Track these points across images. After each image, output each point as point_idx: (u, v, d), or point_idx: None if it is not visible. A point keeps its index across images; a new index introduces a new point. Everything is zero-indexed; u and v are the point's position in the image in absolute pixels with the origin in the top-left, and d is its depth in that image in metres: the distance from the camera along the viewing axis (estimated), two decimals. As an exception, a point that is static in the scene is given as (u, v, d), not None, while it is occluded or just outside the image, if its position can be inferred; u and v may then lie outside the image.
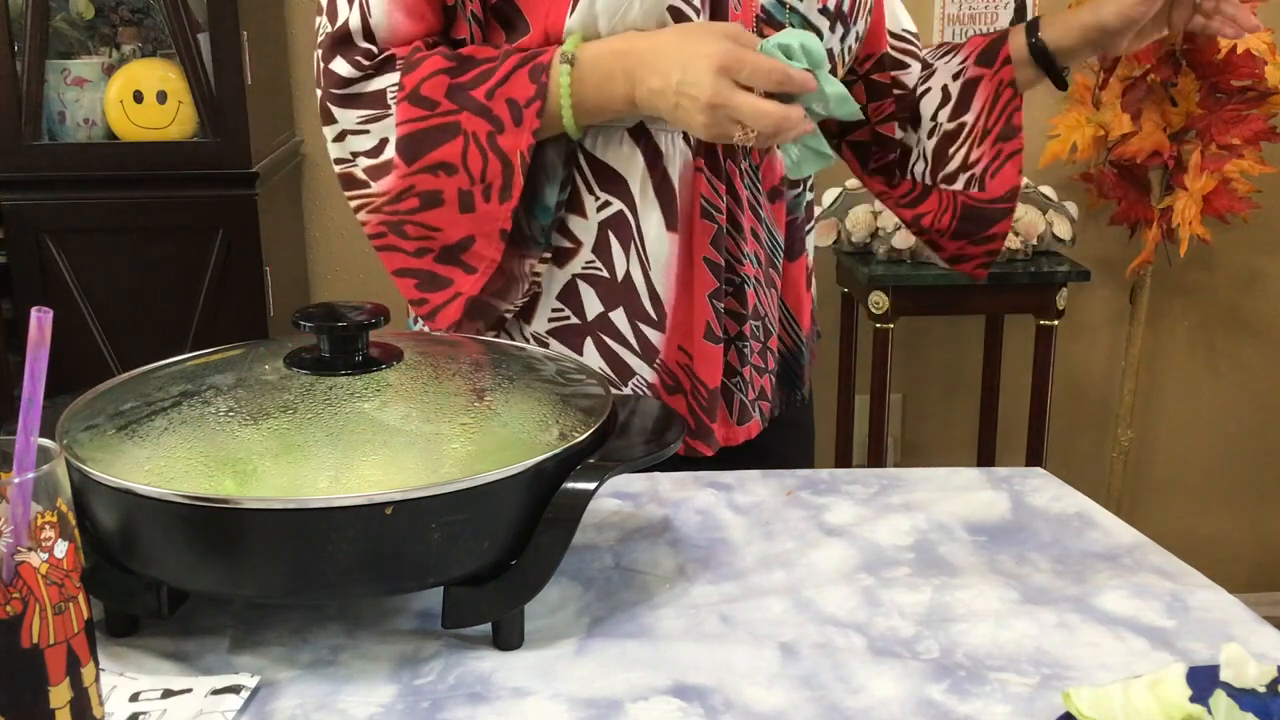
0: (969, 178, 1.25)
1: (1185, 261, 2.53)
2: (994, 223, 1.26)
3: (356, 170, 1.06)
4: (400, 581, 0.75)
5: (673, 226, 1.09)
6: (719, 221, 1.09)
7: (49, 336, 0.61)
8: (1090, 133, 2.39)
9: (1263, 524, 2.86)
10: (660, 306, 1.10)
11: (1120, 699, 0.66)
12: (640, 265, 1.09)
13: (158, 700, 0.70)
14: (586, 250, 1.09)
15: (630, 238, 1.09)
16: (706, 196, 1.09)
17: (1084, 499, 1.01)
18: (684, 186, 1.08)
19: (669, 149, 1.08)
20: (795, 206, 1.19)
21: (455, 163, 1.02)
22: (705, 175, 1.08)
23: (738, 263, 1.12)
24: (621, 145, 1.08)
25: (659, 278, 1.10)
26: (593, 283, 1.10)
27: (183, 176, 2.16)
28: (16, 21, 2.12)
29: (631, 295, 1.10)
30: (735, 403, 1.15)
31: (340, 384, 0.80)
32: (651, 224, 1.08)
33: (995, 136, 1.23)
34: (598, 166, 1.08)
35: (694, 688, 0.72)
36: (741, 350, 1.14)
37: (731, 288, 1.12)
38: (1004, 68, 1.24)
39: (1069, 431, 2.74)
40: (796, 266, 1.21)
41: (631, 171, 1.08)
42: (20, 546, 0.58)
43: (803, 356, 1.24)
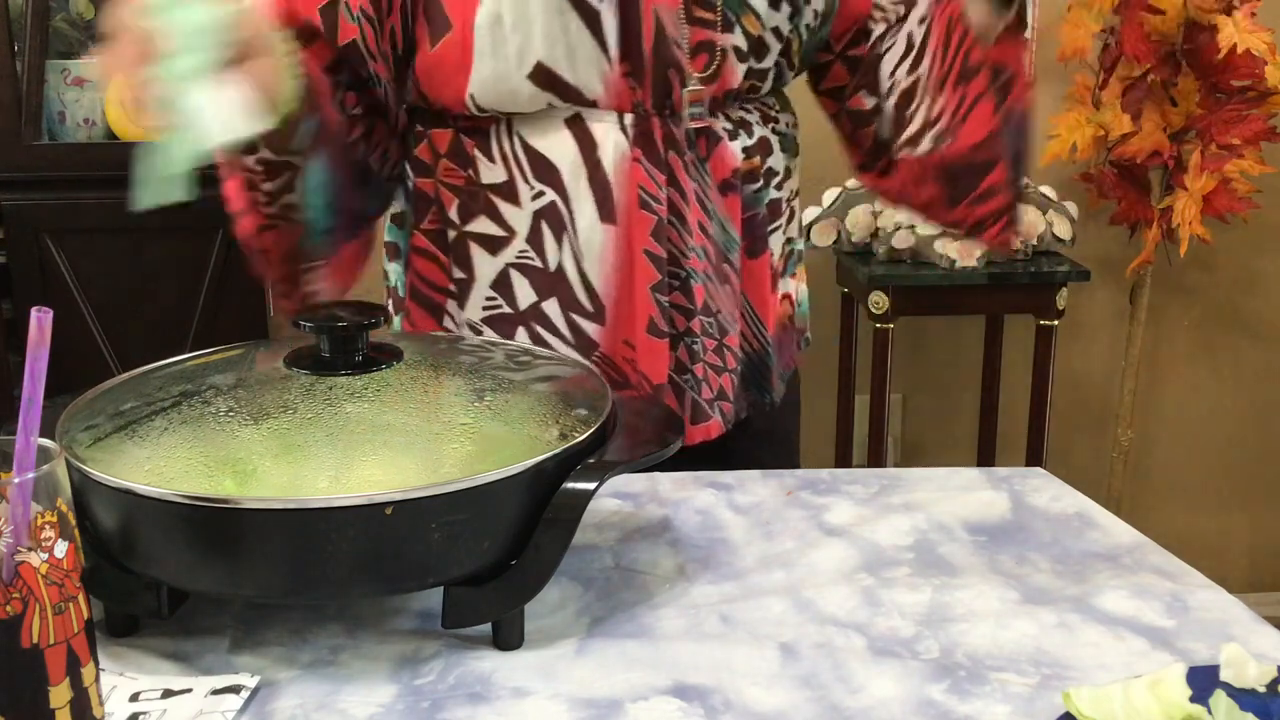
0: (936, 135, 1.08)
1: (1185, 261, 2.53)
2: (983, 174, 1.07)
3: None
4: (400, 581, 0.75)
5: (608, 218, 1.07)
6: (659, 213, 1.07)
7: (49, 336, 0.61)
8: (1090, 133, 2.39)
9: (1263, 524, 2.86)
10: (596, 299, 1.09)
11: (1120, 699, 0.66)
12: (573, 257, 1.08)
13: (158, 700, 0.70)
14: (520, 240, 1.09)
15: (563, 228, 1.07)
16: (645, 187, 1.07)
17: (1084, 499, 1.01)
18: (620, 177, 1.06)
19: (603, 139, 1.06)
20: (754, 203, 1.14)
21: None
22: (643, 166, 1.06)
23: (683, 256, 1.09)
24: (556, 134, 1.06)
25: (593, 270, 1.08)
26: (525, 272, 1.09)
27: (183, 176, 2.15)
28: (16, 21, 2.12)
29: (564, 286, 1.09)
30: (688, 400, 1.12)
31: (340, 384, 0.80)
32: (585, 215, 1.07)
33: (954, 80, 1.04)
34: (533, 155, 1.07)
35: (694, 688, 0.72)
36: (691, 346, 1.11)
37: (677, 282, 1.10)
38: (952, 1, 1.03)
39: (1069, 431, 2.74)
40: (759, 264, 1.16)
41: (564, 161, 1.06)
42: (20, 546, 0.58)
43: (769, 359, 1.20)
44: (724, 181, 1.11)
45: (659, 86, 1.05)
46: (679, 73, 1.05)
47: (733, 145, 1.11)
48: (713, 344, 1.13)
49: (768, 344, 1.19)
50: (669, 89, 1.06)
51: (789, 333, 1.23)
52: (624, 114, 1.06)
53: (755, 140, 1.13)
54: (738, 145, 1.11)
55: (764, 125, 1.14)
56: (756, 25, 1.07)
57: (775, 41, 1.10)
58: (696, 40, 1.05)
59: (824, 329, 2.66)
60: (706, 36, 1.06)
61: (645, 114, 1.06)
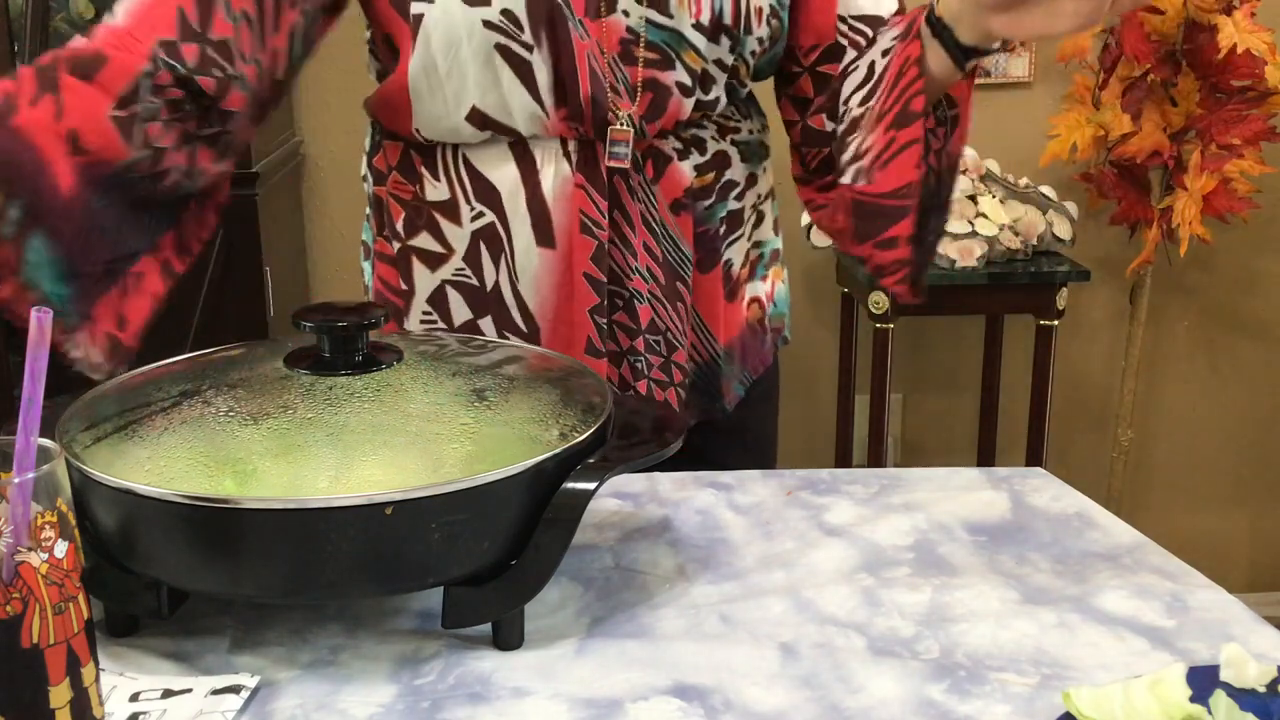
0: (856, 170, 1.04)
1: (1185, 261, 2.53)
2: (891, 222, 1.03)
3: None
4: (400, 581, 0.75)
5: (545, 242, 1.08)
6: (599, 238, 1.07)
7: (49, 336, 0.61)
8: (1090, 133, 2.39)
9: (1263, 524, 2.86)
10: (530, 320, 1.10)
11: (1120, 699, 0.66)
12: (509, 277, 1.10)
13: (158, 700, 0.70)
14: (458, 258, 1.10)
15: (501, 250, 1.09)
16: (585, 212, 1.07)
17: (1084, 499, 1.00)
18: (560, 201, 1.07)
19: (544, 164, 1.07)
20: (707, 218, 1.13)
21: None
22: (585, 191, 1.07)
23: (626, 278, 1.10)
24: (499, 158, 1.07)
25: (528, 291, 1.09)
26: (461, 290, 1.11)
27: (183, 176, 2.15)
28: (16, 21, 2.12)
29: (500, 306, 1.10)
30: None
31: (340, 384, 0.80)
32: (521, 238, 1.08)
33: (889, 122, 1.01)
34: (475, 176, 1.08)
35: (694, 688, 0.72)
36: (634, 364, 1.11)
37: (621, 302, 1.10)
38: (913, 42, 1.00)
39: (1069, 431, 2.74)
40: (710, 279, 1.15)
41: (504, 184, 1.07)
42: (20, 546, 0.58)
43: (719, 369, 1.19)
44: (675, 201, 1.11)
45: (599, 123, 1.05)
46: (616, 113, 1.05)
47: (683, 165, 1.10)
48: (659, 360, 1.13)
49: (718, 355, 1.19)
50: (605, 124, 1.06)
51: (757, 336, 1.23)
52: (567, 140, 1.07)
53: (710, 156, 1.12)
54: (689, 164, 1.10)
55: (721, 139, 1.13)
56: (698, 60, 1.06)
57: (720, 72, 1.08)
58: (639, 79, 1.05)
59: (824, 329, 2.66)
60: (649, 75, 1.05)
61: (589, 141, 1.06)
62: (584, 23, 1.03)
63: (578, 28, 1.03)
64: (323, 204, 2.59)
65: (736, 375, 1.21)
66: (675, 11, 1.04)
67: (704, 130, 1.11)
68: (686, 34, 1.05)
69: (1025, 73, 2.56)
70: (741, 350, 1.21)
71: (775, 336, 1.26)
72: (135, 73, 0.94)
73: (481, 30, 1.02)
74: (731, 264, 1.17)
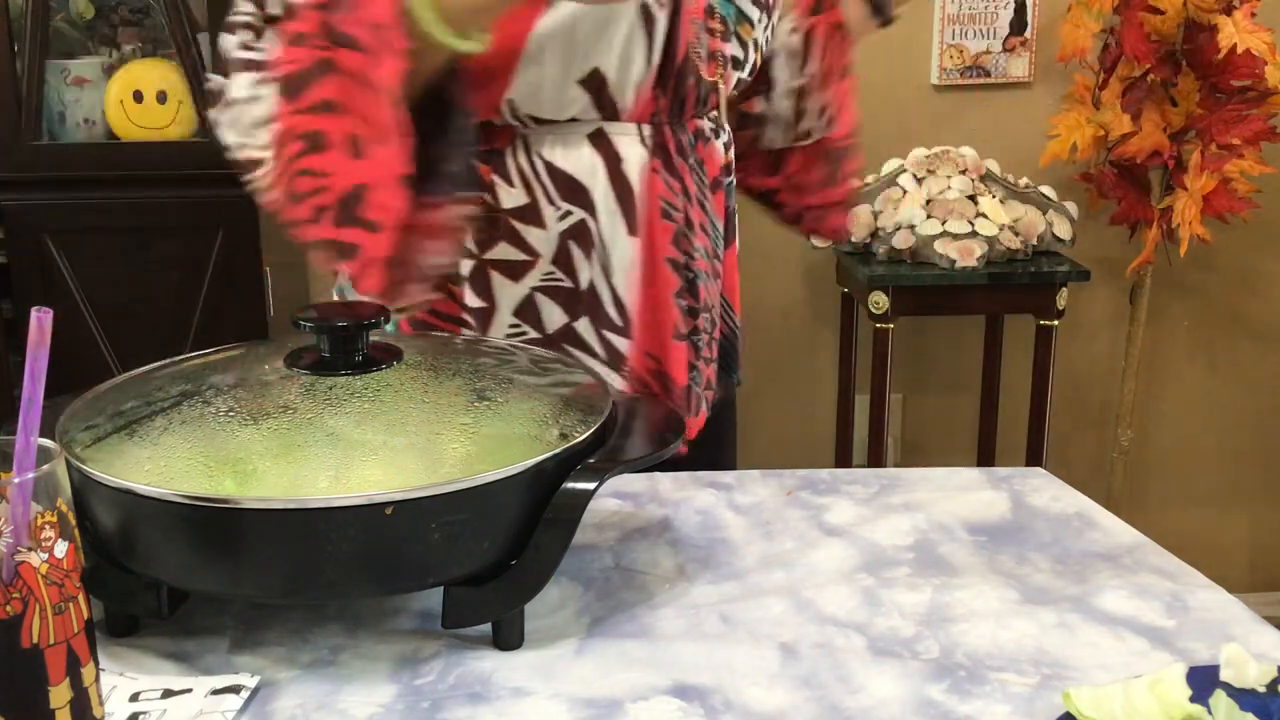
0: (825, 123, 1.26)
1: (1185, 261, 2.53)
2: (843, 161, 1.28)
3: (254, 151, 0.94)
4: (400, 581, 0.75)
5: (634, 230, 1.07)
6: (677, 220, 1.09)
7: (49, 336, 0.61)
8: (1090, 133, 2.39)
9: (1263, 524, 2.86)
10: (624, 313, 1.09)
11: (1120, 699, 0.66)
12: (604, 272, 1.08)
13: (158, 700, 0.70)
14: (545, 262, 1.07)
15: (591, 245, 1.07)
16: (664, 197, 1.08)
17: (1084, 499, 1.00)
18: (643, 189, 1.07)
19: (626, 152, 1.07)
20: (729, 195, 1.20)
21: (337, 100, 0.90)
22: (661, 176, 1.08)
23: (691, 259, 1.11)
24: (582, 153, 1.06)
25: (622, 284, 1.08)
26: (553, 295, 1.08)
27: (183, 176, 2.15)
28: (16, 21, 2.12)
29: (595, 304, 1.09)
30: (694, 396, 1.14)
31: (340, 384, 0.80)
32: (611, 230, 1.07)
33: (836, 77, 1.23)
34: (558, 176, 1.06)
35: (694, 688, 0.72)
36: (696, 344, 1.13)
37: (689, 284, 1.11)
38: (833, 10, 1.21)
39: (1069, 431, 2.74)
40: (731, 254, 1.22)
41: (593, 180, 1.06)
42: (20, 546, 0.58)
43: (737, 340, 1.25)
44: (714, 180, 1.15)
45: (678, 96, 1.07)
46: (698, 81, 1.08)
47: (718, 143, 1.15)
48: (707, 339, 1.15)
49: (735, 327, 1.24)
50: (684, 97, 1.08)
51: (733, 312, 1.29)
52: (643, 125, 1.07)
53: (727, 136, 1.18)
54: (721, 143, 1.15)
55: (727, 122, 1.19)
56: (749, 33, 1.12)
57: (753, 52, 1.15)
58: (710, 50, 1.09)
59: (824, 329, 2.66)
60: (716, 46, 1.09)
61: (660, 124, 1.08)
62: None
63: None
64: (323, 204, 2.59)
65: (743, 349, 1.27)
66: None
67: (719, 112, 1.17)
68: (745, 8, 1.11)
69: (1025, 73, 2.56)
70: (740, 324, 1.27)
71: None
72: None
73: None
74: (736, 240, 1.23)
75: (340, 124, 0.89)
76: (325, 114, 0.89)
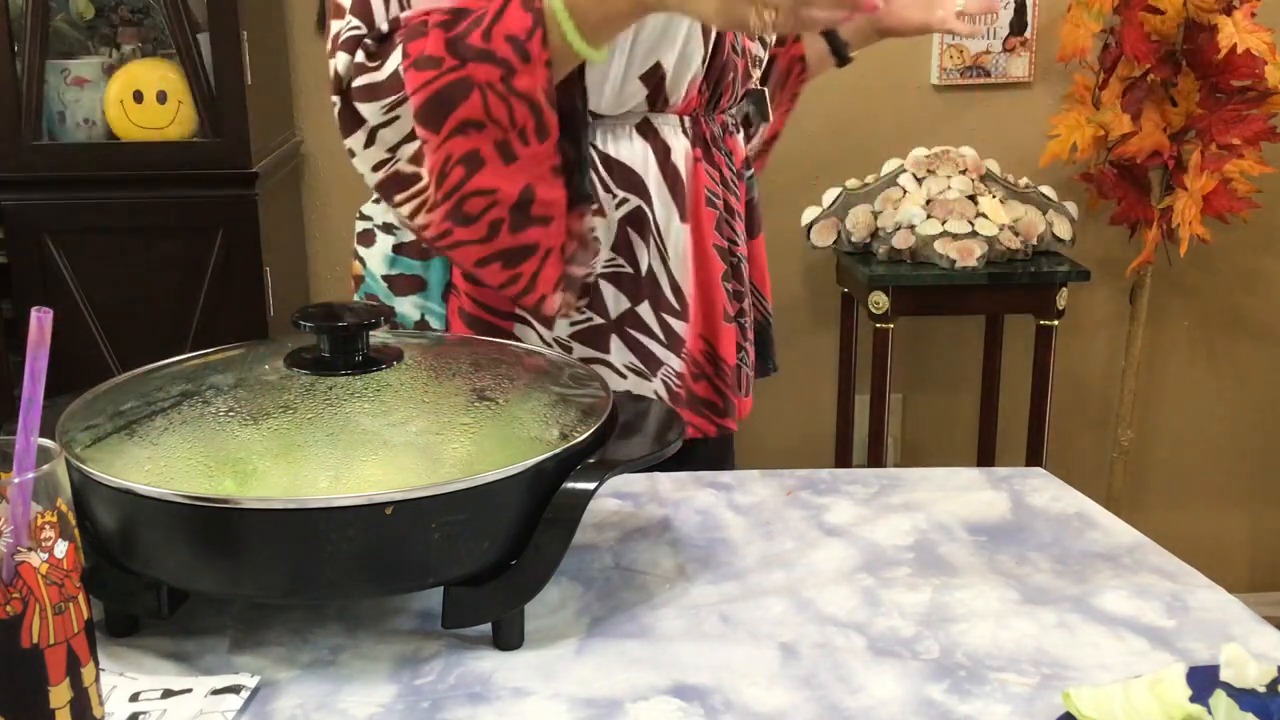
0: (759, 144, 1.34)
1: (1185, 261, 2.53)
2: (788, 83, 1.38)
3: (402, 166, 0.98)
4: (400, 581, 0.75)
5: (685, 217, 1.13)
6: (718, 207, 1.15)
7: (49, 336, 0.61)
8: (1090, 133, 2.39)
9: (1263, 524, 2.86)
10: (681, 296, 1.14)
11: (1120, 699, 0.66)
12: (660, 258, 1.12)
13: (158, 700, 0.70)
14: (606, 249, 1.11)
15: (649, 232, 1.11)
16: (707, 185, 1.14)
17: (1084, 499, 1.00)
18: (689, 177, 1.13)
19: (673, 142, 1.11)
20: (751, 187, 1.24)
21: (479, 118, 0.94)
22: (704, 165, 1.14)
23: (735, 244, 1.18)
24: (632, 142, 1.10)
25: (678, 268, 1.13)
26: (615, 280, 1.12)
27: (183, 176, 2.15)
28: (16, 21, 2.12)
29: (655, 288, 1.13)
30: (743, 377, 1.21)
31: (340, 384, 0.80)
32: (665, 216, 1.12)
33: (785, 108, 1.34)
34: (612, 165, 1.10)
35: (694, 688, 0.72)
36: (742, 326, 1.20)
37: (731, 269, 1.17)
38: (795, 44, 1.31)
39: (1069, 431, 2.74)
40: (758, 244, 1.26)
41: (646, 167, 1.11)
42: (20, 546, 0.58)
43: (770, 328, 1.30)
44: (737, 170, 1.20)
45: (717, 89, 1.13)
46: (735, 76, 1.14)
47: (738, 137, 1.21)
48: (749, 321, 1.22)
49: (768, 315, 1.30)
50: (722, 91, 1.13)
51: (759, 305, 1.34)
52: (684, 116, 1.12)
53: (744, 132, 1.23)
54: (741, 136, 1.21)
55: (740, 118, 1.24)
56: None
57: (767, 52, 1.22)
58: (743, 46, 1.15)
59: (824, 329, 2.66)
60: (747, 44, 1.16)
61: (698, 116, 1.13)
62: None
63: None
64: (323, 204, 2.59)
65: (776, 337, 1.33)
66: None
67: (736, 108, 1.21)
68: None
69: (1025, 73, 2.56)
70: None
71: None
72: None
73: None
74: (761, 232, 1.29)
75: (488, 136, 0.95)
76: (474, 133, 0.94)
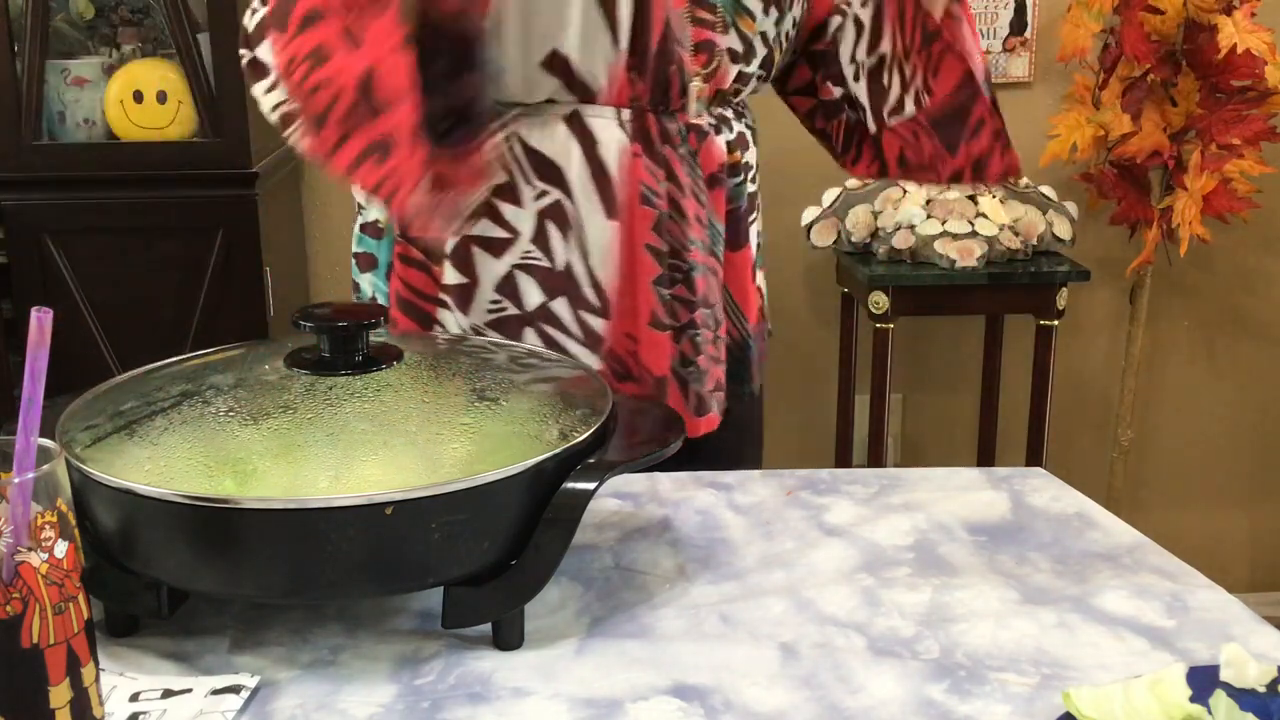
0: (915, 95, 1.17)
1: (1185, 261, 2.53)
2: (968, 112, 1.17)
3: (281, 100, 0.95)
4: (400, 581, 0.75)
5: (612, 214, 1.08)
6: (659, 207, 1.09)
7: (49, 336, 0.61)
8: (1090, 133, 2.38)
9: (1263, 524, 2.86)
10: (602, 295, 1.10)
11: (1120, 699, 0.66)
12: (581, 254, 1.09)
13: (158, 700, 0.70)
14: (525, 240, 1.09)
15: (569, 227, 1.09)
16: (645, 183, 1.08)
17: (1084, 499, 1.00)
18: (622, 173, 1.08)
19: (604, 135, 1.07)
20: (736, 195, 1.17)
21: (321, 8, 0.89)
22: (643, 161, 1.08)
23: (684, 249, 1.11)
24: (556, 133, 1.07)
25: (599, 265, 1.09)
26: (532, 272, 1.10)
27: (183, 176, 2.15)
28: (16, 21, 2.12)
29: (573, 284, 1.10)
30: (691, 393, 1.13)
31: (340, 384, 0.80)
32: (589, 212, 1.08)
33: (919, 47, 1.15)
34: (534, 156, 1.07)
35: (694, 688, 0.72)
36: (694, 339, 1.13)
37: (680, 274, 1.11)
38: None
39: (1069, 431, 2.74)
40: (740, 257, 1.19)
41: (568, 161, 1.07)
42: (20, 546, 0.58)
43: (750, 350, 1.22)
44: (711, 175, 1.13)
45: (658, 83, 1.06)
46: (680, 70, 1.07)
47: (718, 140, 1.13)
48: (710, 336, 1.15)
49: (748, 336, 1.22)
50: (667, 85, 1.07)
51: (761, 324, 1.26)
52: (622, 109, 1.07)
53: (735, 135, 1.15)
54: (722, 140, 1.13)
55: (739, 120, 1.16)
56: (751, 27, 1.10)
57: (761, 46, 1.12)
58: (698, 40, 1.07)
59: (824, 329, 2.66)
60: (707, 37, 1.07)
61: (642, 109, 1.07)
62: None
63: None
64: (323, 204, 2.59)
65: (757, 360, 1.24)
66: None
67: (727, 109, 1.15)
68: (746, 1, 1.08)
69: (1025, 73, 2.56)
70: (757, 335, 1.24)
71: (765, 328, 1.29)
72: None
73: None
74: (753, 246, 1.21)
75: (330, 27, 0.88)
76: (315, 25, 0.89)
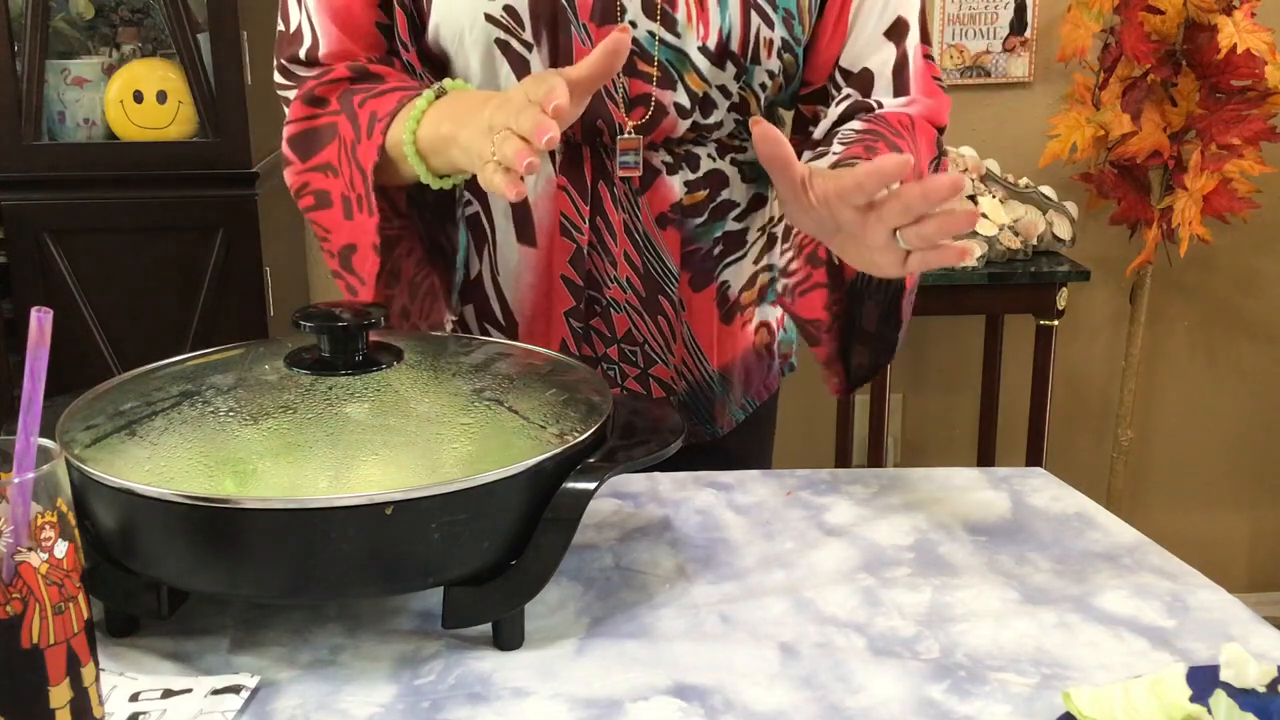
0: (784, 286, 1.09)
1: (1185, 261, 2.53)
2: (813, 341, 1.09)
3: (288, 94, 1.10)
4: (400, 581, 0.75)
5: (525, 239, 1.09)
6: (579, 241, 1.07)
7: (49, 336, 0.61)
8: (1090, 133, 2.39)
9: (1263, 524, 2.86)
10: (510, 315, 1.12)
11: (1120, 699, 0.66)
12: (491, 270, 1.11)
13: (158, 700, 0.70)
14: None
15: (485, 241, 1.10)
16: (567, 215, 1.07)
17: (1084, 499, 1.01)
18: (542, 201, 1.07)
19: None
20: (698, 236, 1.11)
21: (336, 165, 1.02)
22: (567, 193, 1.06)
23: (604, 285, 1.09)
24: None
25: (508, 286, 1.11)
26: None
27: (183, 176, 2.16)
28: (16, 21, 2.12)
29: (482, 297, 1.12)
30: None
31: (340, 384, 0.80)
32: (503, 232, 1.09)
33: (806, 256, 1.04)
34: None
35: (694, 688, 0.72)
36: (607, 372, 1.11)
37: (599, 308, 1.10)
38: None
39: (1069, 431, 2.74)
40: (702, 298, 1.13)
41: None
42: (20, 546, 0.58)
43: (714, 391, 1.17)
44: (661, 215, 1.09)
45: (588, 128, 1.04)
46: (608, 122, 1.04)
47: (672, 179, 1.08)
48: (634, 371, 1.13)
49: (710, 377, 1.17)
50: (599, 132, 1.05)
51: (763, 361, 1.21)
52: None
53: (703, 174, 1.09)
54: (678, 179, 1.08)
55: (719, 158, 1.10)
56: (700, 83, 1.05)
57: (723, 99, 1.07)
58: (635, 93, 1.04)
59: (824, 329, 2.66)
60: (644, 90, 1.04)
61: (575, 143, 1.05)
62: (588, 27, 1.02)
63: (580, 31, 1.02)
64: (323, 204, 2.59)
65: (736, 400, 1.20)
66: (682, 31, 1.03)
67: (700, 147, 1.09)
68: (691, 55, 1.03)
69: (1025, 73, 2.56)
70: (744, 375, 1.19)
71: (783, 363, 1.25)
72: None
73: (483, 23, 1.02)
74: (729, 285, 1.15)
75: (337, 185, 1.02)
76: (329, 175, 1.03)
